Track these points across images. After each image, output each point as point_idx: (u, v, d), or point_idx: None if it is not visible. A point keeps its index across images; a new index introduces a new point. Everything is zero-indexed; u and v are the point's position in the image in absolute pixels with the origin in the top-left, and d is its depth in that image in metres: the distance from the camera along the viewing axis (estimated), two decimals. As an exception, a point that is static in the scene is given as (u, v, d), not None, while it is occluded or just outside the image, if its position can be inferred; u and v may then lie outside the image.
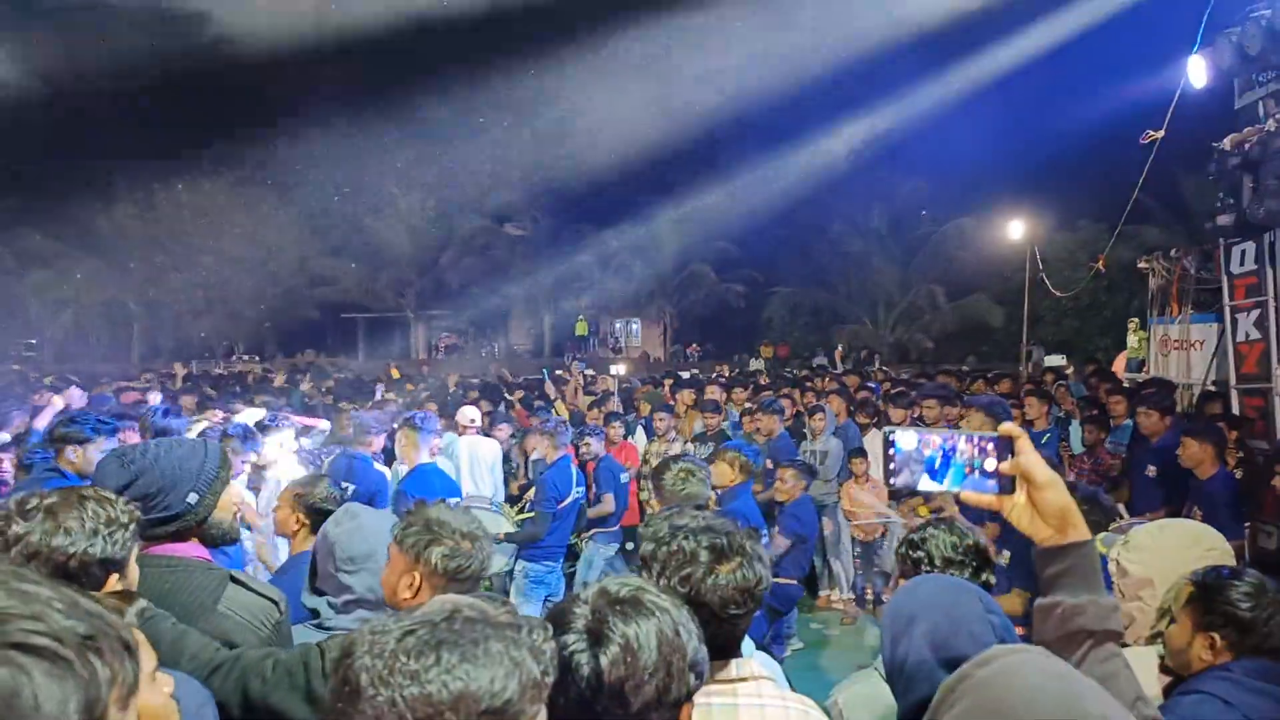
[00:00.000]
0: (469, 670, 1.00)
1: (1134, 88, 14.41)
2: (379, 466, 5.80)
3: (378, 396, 10.30)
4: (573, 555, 7.51)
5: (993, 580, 2.55)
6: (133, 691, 0.82)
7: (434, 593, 2.18)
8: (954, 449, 1.34)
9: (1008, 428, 1.32)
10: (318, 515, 3.40)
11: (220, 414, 6.78)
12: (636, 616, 1.33)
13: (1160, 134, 9.31)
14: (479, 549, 2.25)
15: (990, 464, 1.32)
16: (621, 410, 9.40)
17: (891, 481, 1.35)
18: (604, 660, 1.29)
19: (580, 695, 1.28)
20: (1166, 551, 2.52)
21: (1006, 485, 1.32)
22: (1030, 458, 1.30)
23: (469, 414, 7.35)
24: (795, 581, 5.86)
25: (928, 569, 2.38)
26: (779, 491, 6.13)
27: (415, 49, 28.74)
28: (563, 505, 6.01)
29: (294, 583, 3.16)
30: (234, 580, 2.20)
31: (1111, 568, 2.65)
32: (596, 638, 1.31)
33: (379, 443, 5.90)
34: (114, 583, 1.83)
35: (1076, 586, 1.27)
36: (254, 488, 5.17)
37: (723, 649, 1.75)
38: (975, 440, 1.33)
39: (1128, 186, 10.87)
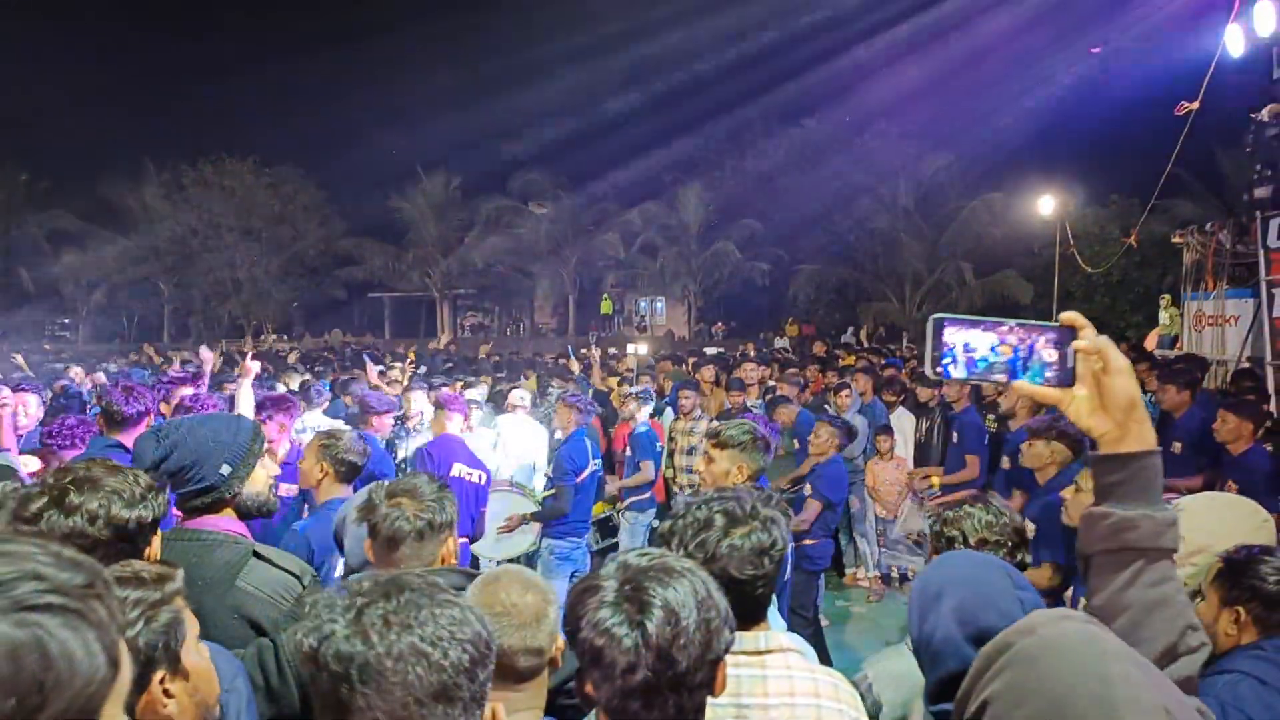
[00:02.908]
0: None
1: (1168, 58, 14.08)
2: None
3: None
4: (607, 529, 7.52)
5: (1028, 560, 2.50)
6: (124, 627, 0.83)
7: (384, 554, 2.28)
8: (1007, 341, 1.24)
9: (1070, 316, 1.24)
10: (342, 465, 3.46)
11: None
12: (671, 580, 1.36)
13: (1195, 105, 9.11)
14: (403, 507, 2.27)
15: (1050, 354, 1.23)
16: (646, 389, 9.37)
17: (938, 369, 1.24)
18: (650, 626, 1.31)
19: (629, 665, 1.31)
20: (1224, 519, 2.44)
21: (1067, 377, 1.22)
22: (1106, 339, 1.20)
23: (518, 395, 7.35)
24: (826, 539, 5.76)
25: (960, 547, 2.36)
26: (812, 447, 5.97)
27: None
28: (581, 478, 6.00)
29: (323, 535, 3.16)
30: (256, 555, 2.25)
31: None
32: (639, 606, 1.33)
33: (387, 423, 5.91)
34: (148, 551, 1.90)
35: (1133, 498, 1.17)
36: None
37: (745, 617, 1.75)
38: (1032, 331, 1.24)
39: (1161, 159, 10.67)
